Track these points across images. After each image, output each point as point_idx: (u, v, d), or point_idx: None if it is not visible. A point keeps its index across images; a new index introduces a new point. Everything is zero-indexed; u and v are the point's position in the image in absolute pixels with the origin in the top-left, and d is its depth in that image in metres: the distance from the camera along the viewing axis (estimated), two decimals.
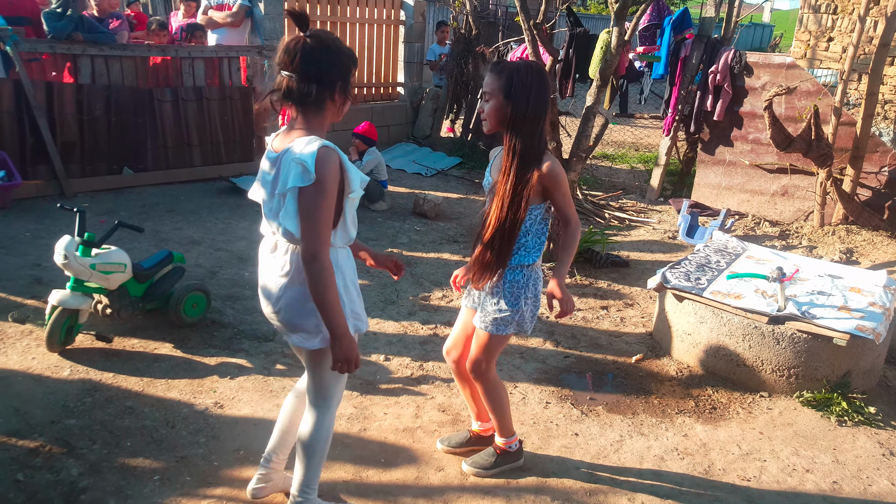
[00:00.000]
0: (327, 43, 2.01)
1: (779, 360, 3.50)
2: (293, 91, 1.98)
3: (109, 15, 6.55)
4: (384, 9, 8.99)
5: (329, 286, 1.97)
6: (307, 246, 1.95)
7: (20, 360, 3.35)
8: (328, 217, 1.97)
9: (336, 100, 2.04)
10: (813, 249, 5.90)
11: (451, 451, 2.93)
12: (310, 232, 1.95)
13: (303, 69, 1.96)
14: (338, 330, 2.01)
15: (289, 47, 1.97)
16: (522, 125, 2.36)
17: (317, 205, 1.93)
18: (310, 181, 1.91)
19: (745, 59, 6.80)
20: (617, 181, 8.22)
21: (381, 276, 4.86)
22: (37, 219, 5.29)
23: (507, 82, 2.34)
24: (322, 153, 1.92)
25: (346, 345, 2.03)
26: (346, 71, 2.04)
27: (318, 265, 1.95)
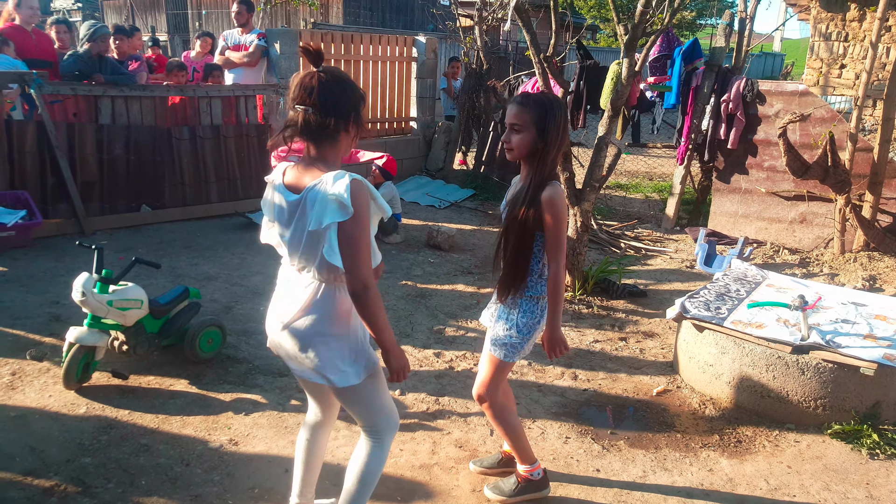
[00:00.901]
0: (340, 77, 2.07)
1: (804, 391, 3.41)
2: (311, 124, 2.02)
3: (129, 57, 6.73)
4: (397, 46, 9.13)
5: (382, 308, 2.05)
6: (357, 277, 1.99)
7: (37, 398, 3.35)
8: (368, 246, 2.02)
9: (350, 131, 2.09)
10: (835, 277, 5.81)
11: (484, 472, 2.97)
12: (357, 263, 1.98)
13: (321, 102, 2.00)
14: (392, 345, 2.10)
15: (304, 82, 2.02)
16: (548, 157, 2.46)
17: (359, 236, 1.98)
18: (348, 215, 1.95)
19: (757, 87, 6.80)
20: (632, 211, 8.19)
21: (396, 308, 4.85)
22: (56, 257, 5.35)
23: (539, 117, 2.43)
24: (354, 186, 1.96)
25: (398, 355, 2.12)
26: (357, 103, 2.09)
27: (370, 292, 2.00)
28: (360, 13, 19.27)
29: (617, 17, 5.02)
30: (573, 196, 5.10)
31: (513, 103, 2.49)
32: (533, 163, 2.48)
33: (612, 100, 5.04)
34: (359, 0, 19.43)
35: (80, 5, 24.12)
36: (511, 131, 2.48)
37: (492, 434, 3.31)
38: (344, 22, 18.56)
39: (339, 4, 19.17)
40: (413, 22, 20.28)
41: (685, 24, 27.79)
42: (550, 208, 2.42)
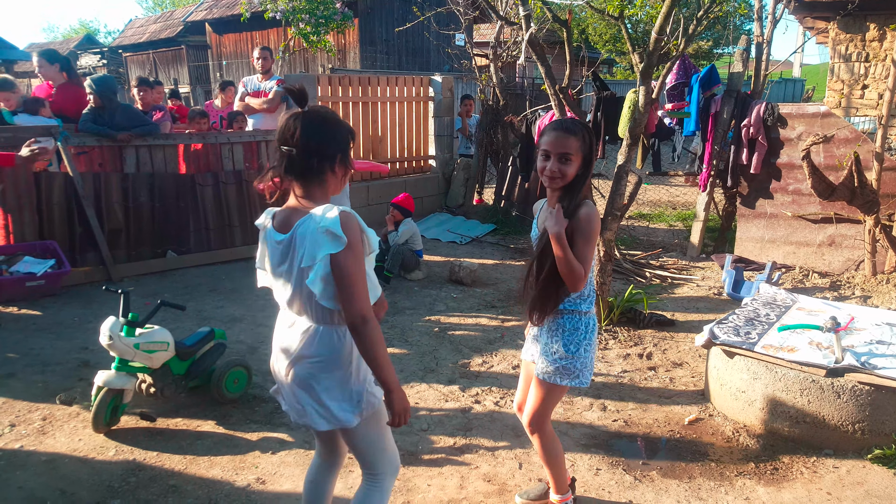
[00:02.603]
0: (325, 117, 2.05)
1: (841, 416, 3.31)
2: (294, 165, 2.01)
3: (153, 108, 6.92)
4: (413, 86, 9.28)
5: (382, 343, 1.99)
6: (355, 310, 1.95)
7: (67, 443, 3.37)
8: (364, 278, 1.99)
9: (336, 172, 2.07)
10: (867, 299, 5.67)
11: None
12: (352, 295, 1.95)
13: (303, 143, 1.99)
14: (393, 383, 2.02)
15: (288, 123, 2.01)
16: (586, 180, 2.48)
17: (353, 267, 1.95)
18: (342, 245, 1.92)
19: (777, 110, 6.77)
20: (656, 240, 8.12)
21: (420, 343, 4.83)
22: (84, 304, 5.44)
23: (584, 143, 2.45)
24: (344, 217, 1.95)
25: (401, 395, 2.04)
26: (344, 143, 2.07)
27: (369, 325, 1.95)
28: (376, 57, 19.69)
29: (632, 47, 5.07)
30: None
31: (558, 131, 2.45)
32: (575, 188, 2.46)
33: (630, 128, 5.05)
34: (375, 45, 19.87)
35: (105, 62, 25.00)
36: (559, 161, 2.43)
37: (520, 468, 3.25)
38: (361, 66, 18.97)
39: (356, 50, 19.62)
40: (429, 63, 20.66)
41: (702, 54, 27.91)
42: (587, 224, 2.41)
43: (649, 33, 4.91)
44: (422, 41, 20.40)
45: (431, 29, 11.19)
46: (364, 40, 19.65)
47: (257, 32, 20.91)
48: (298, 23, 12.91)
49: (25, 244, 5.68)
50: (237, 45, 22.52)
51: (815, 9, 9.04)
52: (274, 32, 19.93)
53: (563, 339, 2.54)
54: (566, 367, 2.54)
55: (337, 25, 13.49)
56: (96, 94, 5.99)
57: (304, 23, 12.91)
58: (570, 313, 2.55)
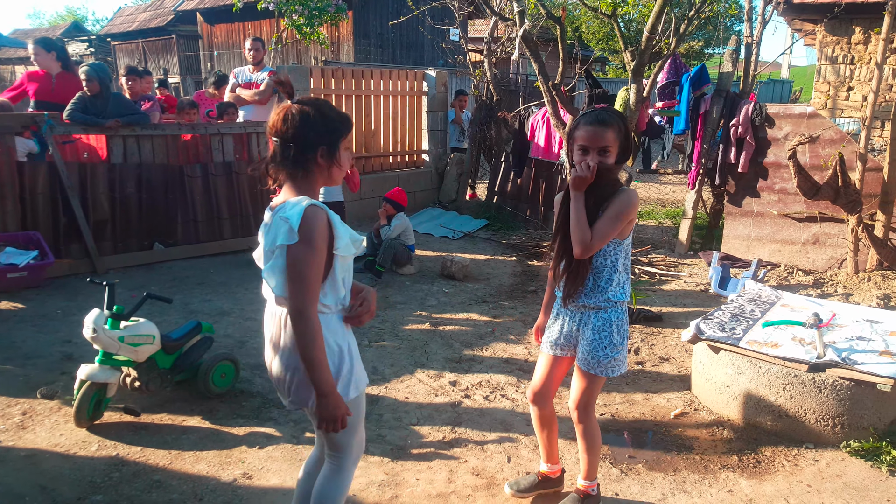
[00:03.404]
0: (310, 109, 2.05)
1: (822, 410, 3.35)
2: (279, 155, 2.05)
3: (141, 98, 6.86)
4: (407, 81, 9.27)
5: (316, 343, 1.98)
6: (293, 303, 1.97)
7: (48, 438, 3.35)
8: (315, 275, 1.98)
9: (321, 164, 2.07)
10: (849, 297, 5.73)
11: (519, 496, 2.94)
12: (296, 289, 1.96)
13: (284, 134, 2.02)
14: (323, 387, 2.00)
15: (277, 114, 2.05)
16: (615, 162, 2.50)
17: (304, 262, 1.95)
18: (294, 239, 1.95)
19: (765, 110, 6.82)
20: (645, 237, 8.16)
21: (411, 338, 4.84)
22: (69, 296, 5.40)
23: (621, 132, 2.48)
24: (308, 212, 1.96)
25: (334, 402, 2.02)
26: (330, 135, 2.06)
27: (303, 322, 1.96)
28: (370, 50, 19.63)
29: (624, 45, 5.09)
30: None
31: (594, 125, 2.44)
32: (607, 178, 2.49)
33: None
34: (369, 38, 19.80)
35: (92, 50, 24.74)
36: (600, 155, 2.45)
37: (509, 461, 3.26)
38: (355, 59, 18.90)
39: (350, 42, 19.55)
40: (423, 58, 20.61)
41: (693, 54, 28.03)
42: (621, 204, 2.44)
43: (642, 32, 4.94)
44: (416, 35, 20.35)
45: (426, 23, 11.16)
46: (358, 33, 19.58)
47: (249, 23, 20.79)
48: (292, 14, 12.83)
49: (7, 234, 5.61)
50: (229, 35, 22.37)
51: (804, 11, 9.11)
52: (266, 23, 19.83)
53: (613, 332, 2.59)
54: (616, 359, 2.61)
55: (331, 17, 13.41)
56: (97, 81, 5.95)
57: (298, 14, 12.84)
58: (614, 305, 2.60)
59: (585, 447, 2.79)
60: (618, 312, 2.61)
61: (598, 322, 2.60)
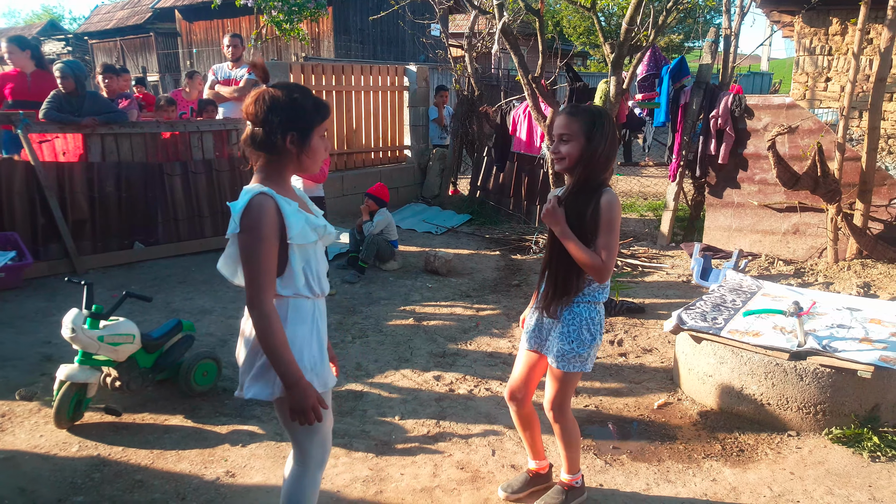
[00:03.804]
0: (282, 94, 2.01)
1: (804, 397, 3.38)
2: (248, 138, 2.04)
3: (119, 95, 6.77)
4: (388, 76, 9.23)
5: (273, 332, 1.94)
6: (247, 293, 1.96)
7: (27, 439, 3.30)
8: (266, 264, 1.95)
9: (290, 150, 2.02)
10: (830, 286, 5.79)
11: (514, 498, 2.91)
12: (247, 278, 1.96)
13: (254, 116, 2.00)
14: (289, 378, 1.96)
15: (249, 97, 2.03)
16: (596, 166, 2.48)
17: (250, 251, 1.94)
18: (236, 229, 1.95)
19: (744, 101, 6.86)
20: (627, 229, 8.19)
21: (395, 333, 4.82)
22: (48, 297, 5.32)
23: (589, 126, 2.46)
24: (254, 200, 1.95)
25: (301, 392, 1.96)
26: (301, 122, 2.02)
27: (256, 312, 1.94)
28: (350, 46, 19.53)
29: (604, 38, 5.09)
30: None
31: (561, 114, 2.52)
32: (580, 171, 2.48)
33: None
34: (349, 34, 19.70)
35: (69, 48, 24.39)
36: (560, 142, 2.50)
37: (494, 454, 3.26)
38: (335, 55, 18.80)
39: (331, 38, 19.44)
40: (404, 53, 20.55)
41: (673, 48, 28.17)
42: (608, 211, 2.43)
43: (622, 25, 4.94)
44: (397, 31, 20.27)
45: (406, 19, 11.12)
46: (338, 29, 19.47)
47: (229, 20, 20.60)
48: (271, 10, 12.73)
49: None
50: (208, 32, 22.15)
51: (781, 2, 9.19)
52: (246, 20, 19.67)
53: (580, 329, 2.57)
54: (581, 356, 2.58)
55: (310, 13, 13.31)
56: (72, 78, 5.84)
57: (277, 10, 12.73)
58: (588, 304, 2.58)
59: (563, 444, 2.78)
60: (591, 310, 2.59)
61: (569, 316, 2.59)
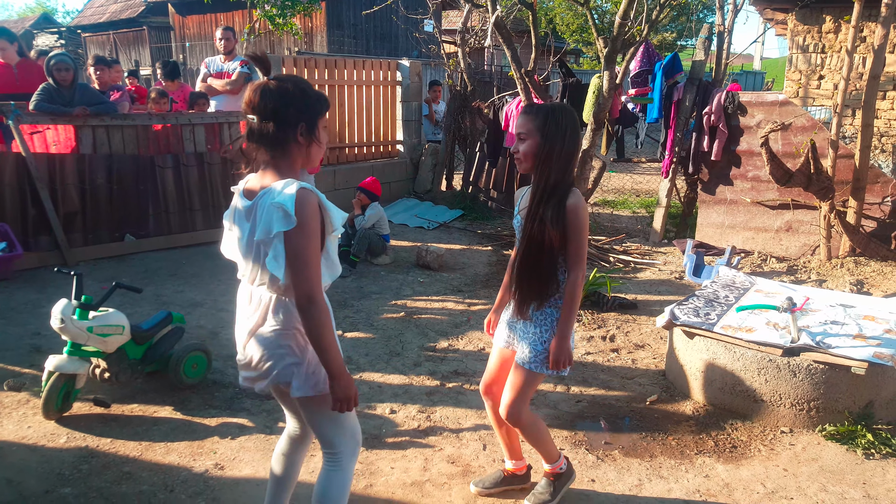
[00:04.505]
0: (288, 84, 1.99)
1: (797, 394, 3.38)
2: (254, 131, 1.98)
3: (110, 87, 6.71)
4: (381, 70, 9.18)
5: (328, 326, 1.96)
6: (302, 290, 1.92)
7: (15, 430, 3.26)
8: (317, 258, 1.95)
9: (300, 142, 2.00)
10: (823, 283, 5.80)
11: (486, 493, 2.87)
12: (302, 275, 1.92)
13: (261, 109, 1.96)
14: (336, 369, 1.98)
15: (251, 90, 1.99)
16: (556, 163, 2.41)
17: (304, 246, 1.91)
18: (292, 224, 1.89)
19: (738, 98, 6.86)
20: (619, 226, 8.20)
21: (386, 327, 4.80)
22: (38, 289, 5.27)
23: (542, 123, 2.41)
24: (301, 195, 1.91)
25: (346, 381, 2.00)
26: (309, 112, 2.00)
27: (315, 307, 1.92)
28: (343, 41, 19.45)
29: (597, 34, 5.08)
30: None
31: (520, 114, 2.49)
32: (540, 171, 2.44)
33: (594, 112, 5.08)
34: (343, 29, 19.62)
35: (62, 42, 24.20)
36: (518, 140, 2.46)
37: (484, 449, 3.25)
38: (328, 50, 18.72)
39: (324, 33, 19.35)
40: (397, 49, 20.48)
41: (666, 46, 28.22)
42: (574, 216, 2.38)
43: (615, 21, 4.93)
44: (390, 26, 20.21)
45: (400, 14, 11.08)
46: (331, 24, 19.38)
47: (222, 14, 20.46)
48: (264, 4, 12.65)
49: None
50: (201, 26, 22.01)
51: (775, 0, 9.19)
52: (239, 14, 19.54)
53: (552, 328, 2.51)
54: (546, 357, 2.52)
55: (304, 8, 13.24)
56: (73, 71, 5.81)
57: (270, 4, 12.66)
58: (556, 307, 2.52)
59: (532, 443, 2.73)
60: (558, 311, 2.52)
61: (541, 316, 2.53)
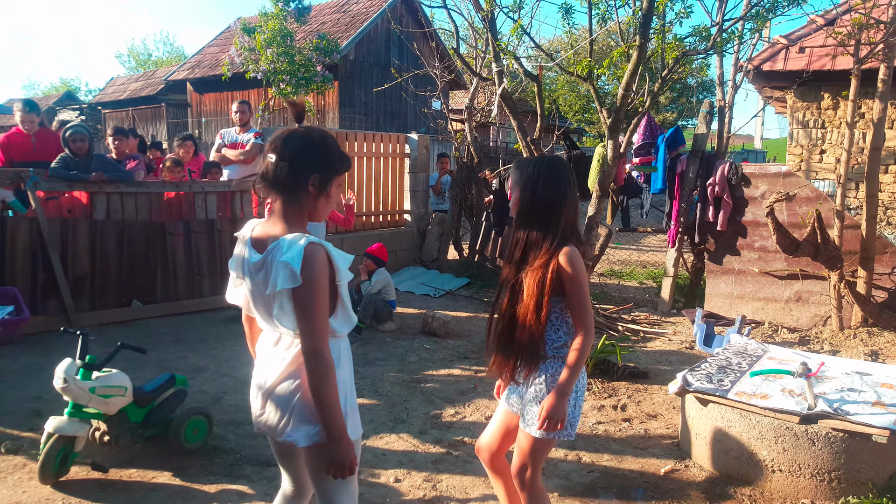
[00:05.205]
0: (312, 134, 2.03)
1: (817, 464, 3.26)
2: (270, 174, 2.00)
3: (127, 157, 6.87)
4: (390, 143, 9.41)
5: (330, 383, 1.90)
6: (306, 343, 1.90)
7: (9, 495, 3.17)
8: (324, 312, 1.93)
9: (311, 193, 2.01)
10: (836, 354, 5.70)
11: None
12: (308, 328, 1.90)
13: (281, 149, 1.99)
14: (336, 431, 1.92)
15: (277, 133, 2.03)
16: (532, 215, 2.39)
17: (310, 301, 1.89)
18: (297, 283, 1.88)
19: (741, 170, 6.96)
20: (627, 296, 8.15)
21: (391, 394, 4.71)
22: (42, 353, 5.23)
23: (520, 174, 2.43)
24: (308, 251, 1.90)
25: (346, 447, 1.93)
26: (324, 166, 2.02)
27: (317, 361, 1.89)
28: (355, 118, 20.03)
29: (600, 104, 5.22)
30: None
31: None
32: (517, 224, 2.44)
33: (599, 180, 5.14)
34: (354, 106, 20.25)
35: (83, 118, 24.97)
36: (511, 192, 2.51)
37: None
38: (339, 126, 19.27)
39: (336, 111, 19.95)
40: (406, 125, 21.06)
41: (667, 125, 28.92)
42: (567, 267, 2.30)
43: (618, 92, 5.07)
44: (400, 104, 20.84)
45: (409, 90, 11.46)
46: (343, 102, 20.03)
47: (238, 92, 21.21)
48: (279, 83, 13.12)
49: None
50: (217, 103, 22.77)
51: (773, 78, 9.43)
52: (255, 92, 20.23)
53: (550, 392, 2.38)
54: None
55: (317, 87, 13.73)
56: (88, 141, 6.00)
57: (285, 83, 13.12)
58: (556, 358, 2.41)
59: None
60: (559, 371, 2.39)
61: (544, 373, 2.41)
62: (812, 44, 8.54)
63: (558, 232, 2.37)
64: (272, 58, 13.08)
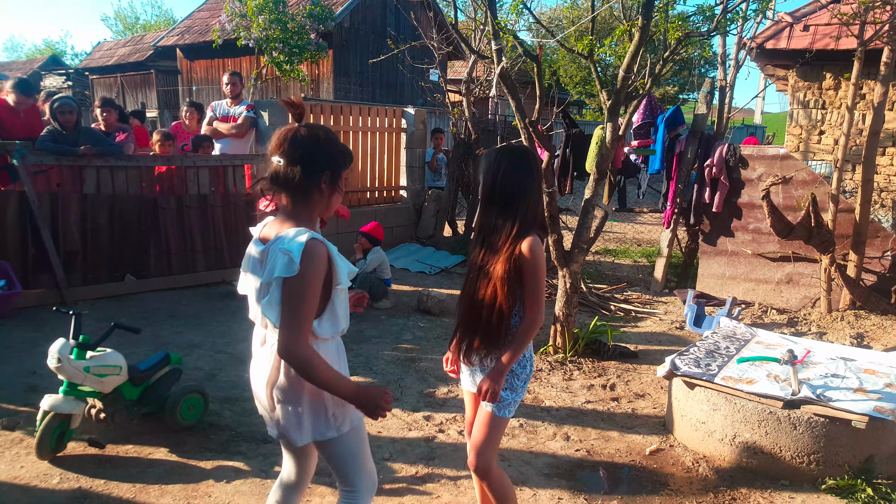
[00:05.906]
0: (318, 133, 2.03)
1: (797, 447, 3.34)
2: (280, 176, 1.99)
3: (116, 129, 6.80)
4: (386, 118, 9.34)
5: (318, 366, 1.93)
6: (282, 335, 1.91)
7: (7, 470, 3.22)
8: (310, 309, 1.93)
9: (323, 190, 2.03)
10: (823, 336, 5.78)
11: None
12: (289, 322, 1.91)
13: (289, 154, 1.98)
14: (348, 391, 1.98)
15: (281, 134, 2.01)
16: (495, 203, 2.41)
17: (297, 295, 1.90)
18: (293, 272, 1.89)
19: (739, 151, 6.96)
20: (621, 275, 8.21)
21: (385, 372, 4.77)
22: (36, 327, 5.26)
23: (485, 163, 2.44)
24: (310, 245, 1.91)
25: (364, 394, 2.00)
26: (334, 163, 2.03)
27: (296, 357, 1.91)
28: (350, 89, 19.82)
29: (600, 86, 5.17)
30: (562, 257, 5.12)
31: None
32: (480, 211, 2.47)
33: (597, 163, 5.13)
34: (349, 76, 20.02)
35: (70, 83, 24.63)
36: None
37: None
38: (334, 97, 19.06)
39: (330, 80, 19.73)
40: (403, 97, 20.85)
41: (668, 99, 28.72)
42: (525, 256, 2.33)
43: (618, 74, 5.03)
44: (396, 75, 20.60)
45: (405, 63, 11.32)
46: (338, 71, 19.78)
47: (229, 59, 20.92)
48: (272, 51, 12.92)
49: None
50: (208, 71, 22.46)
51: (776, 57, 9.36)
52: (247, 60, 19.97)
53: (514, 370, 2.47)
54: (507, 400, 2.46)
55: (311, 55, 13.53)
56: (77, 113, 5.94)
57: (278, 51, 12.92)
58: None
59: (497, 500, 2.54)
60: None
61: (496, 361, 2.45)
62: (817, 22, 8.47)
63: (519, 221, 2.39)
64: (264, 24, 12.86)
